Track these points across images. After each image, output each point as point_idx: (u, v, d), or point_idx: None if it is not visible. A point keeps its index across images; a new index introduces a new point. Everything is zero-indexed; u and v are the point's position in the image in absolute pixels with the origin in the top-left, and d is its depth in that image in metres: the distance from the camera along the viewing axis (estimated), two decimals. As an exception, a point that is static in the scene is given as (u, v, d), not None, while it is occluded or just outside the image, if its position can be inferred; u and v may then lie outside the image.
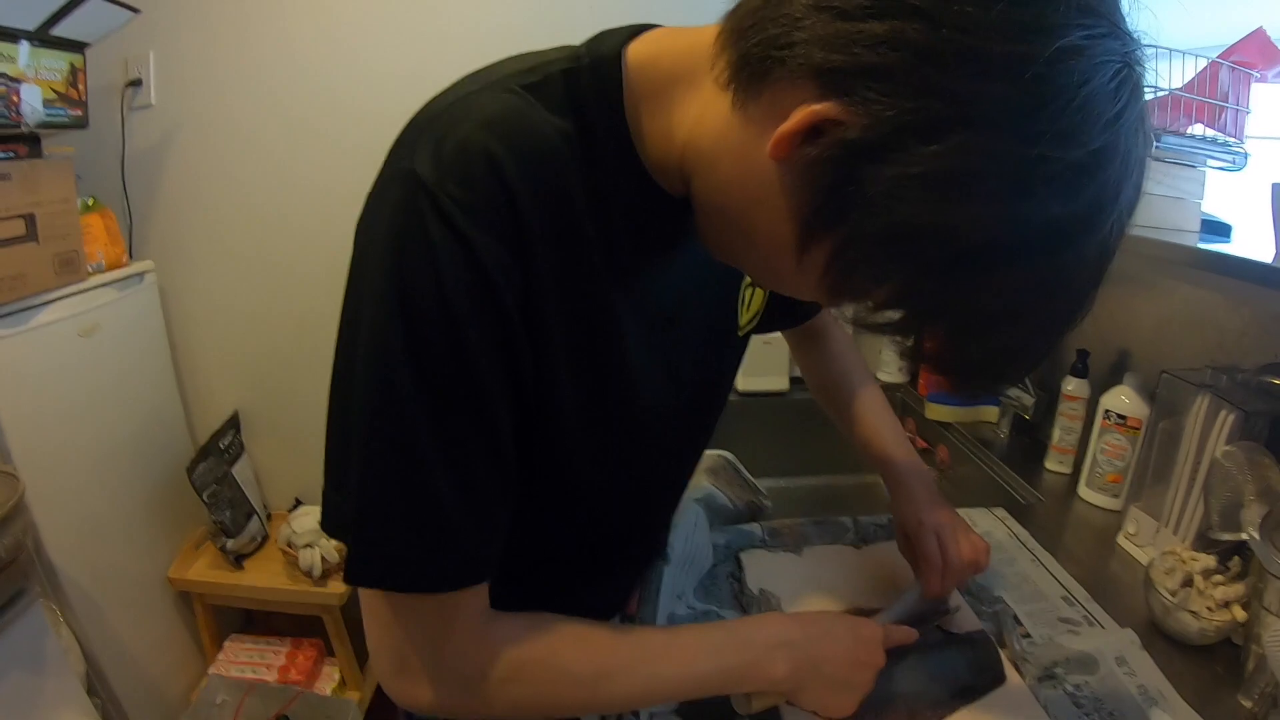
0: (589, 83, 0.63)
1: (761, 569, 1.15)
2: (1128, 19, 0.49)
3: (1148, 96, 0.50)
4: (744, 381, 2.01)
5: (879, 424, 1.12)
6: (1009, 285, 0.50)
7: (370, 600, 0.67)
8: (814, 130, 0.50)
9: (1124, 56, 0.47)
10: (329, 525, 0.68)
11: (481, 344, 0.59)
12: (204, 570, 2.17)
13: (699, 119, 0.61)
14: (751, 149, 0.55)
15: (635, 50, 0.64)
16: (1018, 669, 0.93)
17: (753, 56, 0.53)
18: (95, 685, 1.83)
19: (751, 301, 0.90)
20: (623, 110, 0.63)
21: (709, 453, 1.38)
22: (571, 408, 0.69)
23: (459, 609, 0.66)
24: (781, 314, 1.06)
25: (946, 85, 0.45)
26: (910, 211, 0.47)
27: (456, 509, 0.62)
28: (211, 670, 2.19)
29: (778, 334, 1.40)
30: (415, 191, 0.56)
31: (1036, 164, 0.45)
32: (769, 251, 0.59)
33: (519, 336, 0.61)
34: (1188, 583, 1.04)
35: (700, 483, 1.31)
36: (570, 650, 0.72)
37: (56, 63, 1.74)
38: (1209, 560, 1.06)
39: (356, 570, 0.64)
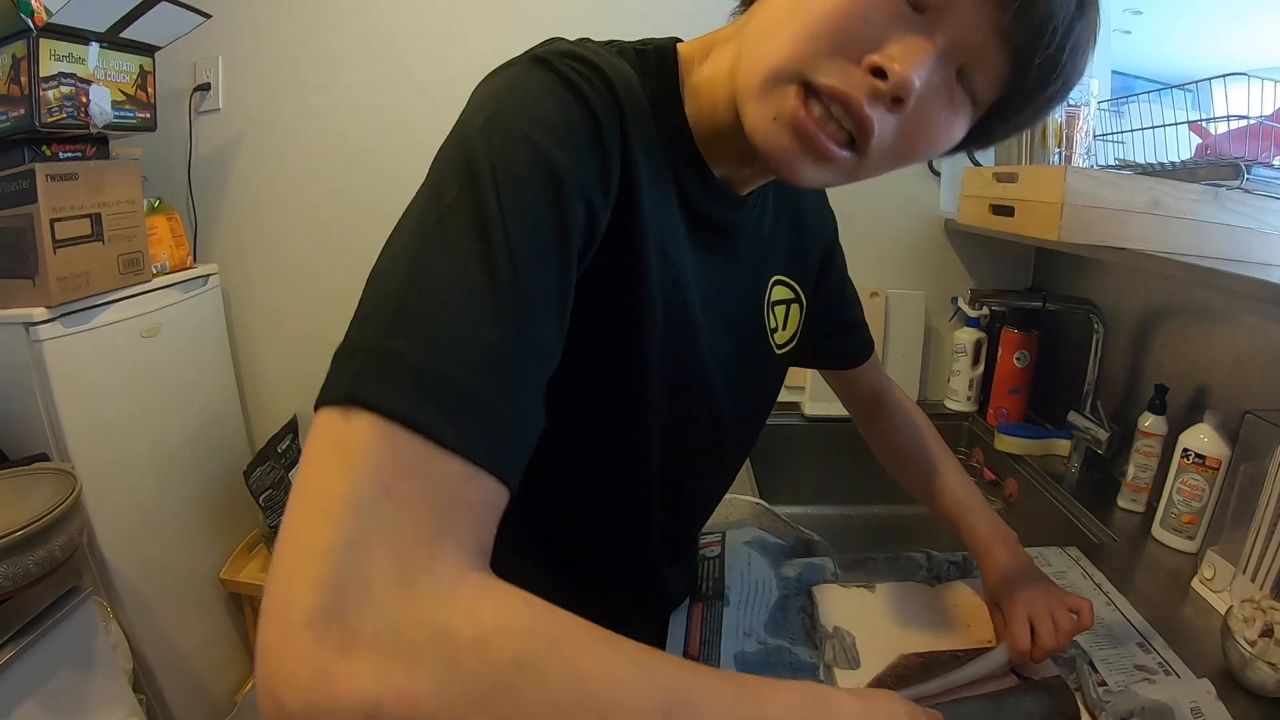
0: (654, 58, 0.72)
1: (835, 605, 1.12)
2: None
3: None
4: (811, 406, 1.98)
5: (962, 492, 1.11)
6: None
7: (320, 473, 0.43)
8: None
9: None
10: (328, 387, 0.47)
11: (575, 171, 0.56)
12: (256, 572, 2.19)
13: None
14: None
15: (685, 43, 0.75)
16: (1094, 717, 0.90)
17: None
18: (141, 682, 1.84)
19: (787, 322, 0.94)
20: (679, 84, 0.72)
21: (743, 499, 1.38)
22: (657, 314, 0.70)
23: (460, 512, 0.44)
24: (825, 348, 1.09)
25: None
26: None
27: (506, 341, 0.49)
28: (257, 671, 2.19)
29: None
30: (529, 64, 0.61)
31: None
32: None
33: (608, 195, 0.62)
34: (1267, 633, 1.00)
35: (745, 527, 1.30)
36: (585, 639, 0.44)
37: (126, 65, 1.78)
38: (1291, 611, 1.02)
39: (366, 385, 0.44)
